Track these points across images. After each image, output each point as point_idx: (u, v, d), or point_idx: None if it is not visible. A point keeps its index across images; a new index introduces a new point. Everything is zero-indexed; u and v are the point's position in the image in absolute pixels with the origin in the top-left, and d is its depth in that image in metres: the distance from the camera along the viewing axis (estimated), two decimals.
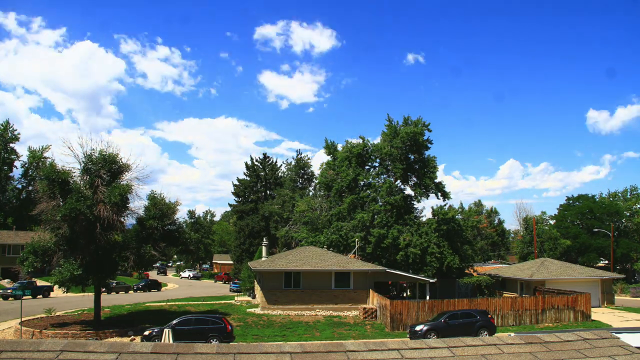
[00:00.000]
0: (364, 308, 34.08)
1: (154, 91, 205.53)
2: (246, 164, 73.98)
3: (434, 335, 25.60)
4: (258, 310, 36.00)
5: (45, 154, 77.48)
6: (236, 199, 74.75)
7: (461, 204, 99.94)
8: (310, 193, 65.11)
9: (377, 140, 52.17)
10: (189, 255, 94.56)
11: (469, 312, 28.24)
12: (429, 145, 48.78)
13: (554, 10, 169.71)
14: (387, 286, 44.99)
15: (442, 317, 27.43)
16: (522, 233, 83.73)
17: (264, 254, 45.96)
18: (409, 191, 50.25)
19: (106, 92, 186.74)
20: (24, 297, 38.97)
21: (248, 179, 73.79)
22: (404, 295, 45.98)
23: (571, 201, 78.65)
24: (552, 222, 78.99)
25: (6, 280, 56.14)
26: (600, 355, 4.07)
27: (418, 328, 26.62)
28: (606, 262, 69.14)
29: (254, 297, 45.22)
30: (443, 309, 30.59)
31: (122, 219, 29.41)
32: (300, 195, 59.66)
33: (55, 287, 33.10)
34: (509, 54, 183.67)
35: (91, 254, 27.51)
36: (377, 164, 51.77)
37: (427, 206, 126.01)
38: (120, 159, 29.17)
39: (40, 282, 49.27)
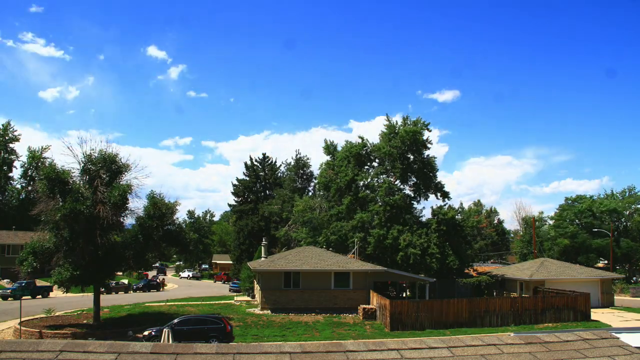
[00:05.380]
0: (364, 308, 34.05)
1: None
2: (245, 164, 74.02)
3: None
4: (257, 310, 35.99)
5: (45, 154, 77.54)
6: (235, 199, 74.74)
7: (461, 203, 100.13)
8: (310, 193, 65.10)
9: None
10: (189, 255, 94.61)
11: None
12: (429, 145, 48.78)
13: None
14: (387, 286, 44.99)
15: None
16: (521, 233, 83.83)
17: (263, 254, 45.92)
18: (408, 191, 50.24)
19: None
20: (24, 298, 38.94)
21: (247, 179, 73.78)
22: (404, 295, 45.97)
23: (570, 201, 78.74)
24: (551, 222, 79.05)
25: (6, 280, 56.13)
26: (599, 355, 4.07)
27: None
28: (606, 262, 69.16)
29: (253, 297, 45.21)
30: (442, 308, 30.61)
31: (121, 219, 29.42)
32: (299, 195, 59.63)
33: (55, 287, 33.12)
34: (511, 53, 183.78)
35: (90, 254, 27.48)
36: (376, 164, 51.75)
37: (427, 206, 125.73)
38: (120, 159, 29.20)
39: (39, 282, 49.26)
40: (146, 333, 24.66)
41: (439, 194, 49.54)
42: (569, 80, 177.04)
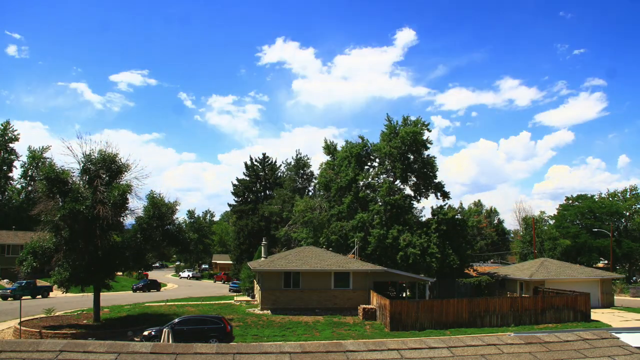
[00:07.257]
0: (364, 308, 34.05)
1: None
2: (245, 164, 74.01)
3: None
4: (257, 310, 35.99)
5: (45, 154, 77.54)
6: (235, 199, 74.74)
7: (461, 203, 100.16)
8: (310, 193, 65.14)
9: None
10: (189, 255, 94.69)
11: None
12: (429, 145, 48.78)
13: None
14: (387, 286, 44.98)
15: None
16: (521, 233, 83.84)
17: (263, 254, 45.92)
18: (408, 191, 50.26)
19: None
20: (24, 298, 38.95)
21: (247, 178, 73.78)
22: (404, 295, 45.97)
23: (570, 201, 78.77)
24: (551, 222, 79.07)
25: (5, 280, 56.15)
26: (599, 356, 4.07)
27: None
28: (606, 262, 69.20)
29: (253, 297, 45.22)
30: (442, 308, 30.59)
31: (121, 219, 29.43)
32: (299, 195, 59.66)
33: (55, 287, 33.10)
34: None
35: (90, 254, 27.49)
36: (376, 164, 51.77)
37: (426, 206, 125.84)
38: (120, 159, 29.19)
39: (39, 282, 49.27)
40: (146, 333, 24.65)
41: (439, 194, 49.58)
42: None
